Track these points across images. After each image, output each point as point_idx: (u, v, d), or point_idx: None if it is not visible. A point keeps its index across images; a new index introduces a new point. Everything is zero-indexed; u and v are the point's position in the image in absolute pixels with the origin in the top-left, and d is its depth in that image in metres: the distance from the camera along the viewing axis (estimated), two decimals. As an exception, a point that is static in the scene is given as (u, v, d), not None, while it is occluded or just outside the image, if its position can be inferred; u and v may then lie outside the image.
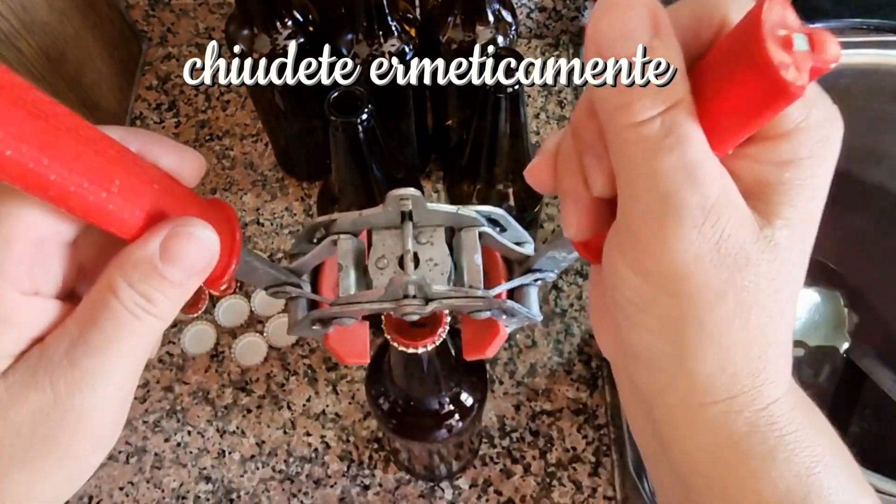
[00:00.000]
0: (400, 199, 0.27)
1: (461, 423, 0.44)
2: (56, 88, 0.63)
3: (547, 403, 0.59)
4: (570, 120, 0.23)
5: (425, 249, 0.29)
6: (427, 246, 0.29)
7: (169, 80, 0.78)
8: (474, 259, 0.28)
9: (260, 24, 0.53)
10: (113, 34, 0.74)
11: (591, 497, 0.56)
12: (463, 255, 0.29)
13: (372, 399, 0.45)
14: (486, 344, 0.31)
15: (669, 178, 0.17)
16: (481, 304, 0.28)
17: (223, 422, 0.59)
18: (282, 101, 0.60)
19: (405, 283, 0.26)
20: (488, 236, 0.29)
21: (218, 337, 0.63)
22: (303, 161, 0.70)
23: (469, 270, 0.28)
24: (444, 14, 0.54)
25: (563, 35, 0.80)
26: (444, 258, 0.29)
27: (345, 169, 0.45)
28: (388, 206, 0.27)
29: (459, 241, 0.29)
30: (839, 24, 0.55)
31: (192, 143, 0.74)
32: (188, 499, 0.56)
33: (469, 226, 0.29)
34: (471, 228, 0.29)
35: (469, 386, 0.44)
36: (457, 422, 0.44)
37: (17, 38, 0.57)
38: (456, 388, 0.43)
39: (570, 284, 0.65)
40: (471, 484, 0.56)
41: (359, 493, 0.56)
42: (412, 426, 0.44)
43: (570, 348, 0.62)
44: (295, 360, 0.61)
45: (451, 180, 0.52)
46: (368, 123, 0.41)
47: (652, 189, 0.18)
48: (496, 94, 0.41)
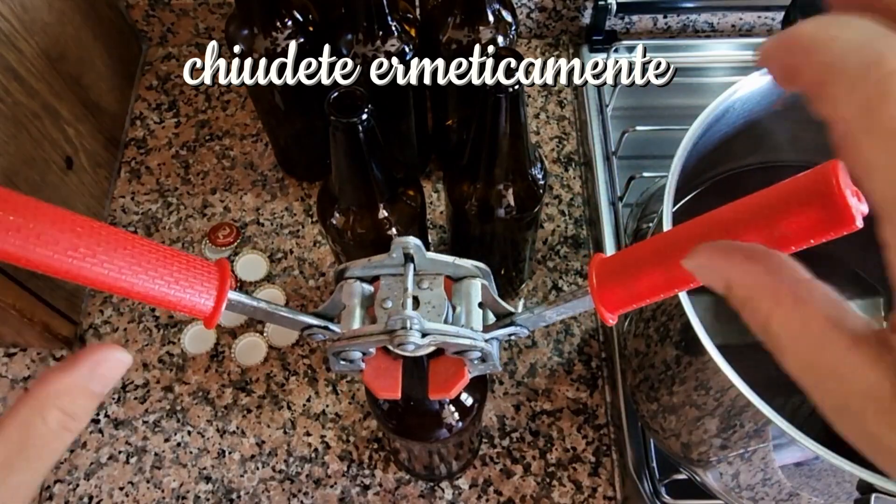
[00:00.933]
0: (403, 246, 0.31)
1: (461, 422, 0.44)
2: (56, 88, 0.63)
3: (547, 403, 0.59)
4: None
5: (425, 294, 0.32)
6: (427, 291, 0.33)
7: (169, 80, 0.78)
8: (475, 306, 0.32)
9: (260, 24, 0.53)
10: (113, 34, 0.74)
11: (591, 497, 0.56)
12: (464, 301, 0.32)
13: (372, 399, 0.45)
14: (451, 385, 0.34)
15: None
16: (468, 343, 0.31)
17: (223, 422, 0.59)
18: (282, 101, 0.60)
19: (402, 318, 0.30)
20: (486, 289, 0.33)
21: (218, 337, 0.63)
22: (303, 161, 0.70)
23: (468, 314, 0.32)
24: (444, 14, 0.54)
25: (563, 35, 0.80)
26: (441, 302, 0.32)
27: (345, 169, 0.45)
28: (392, 253, 0.31)
29: (460, 288, 0.33)
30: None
31: (192, 142, 0.74)
32: (188, 499, 0.56)
33: (468, 276, 0.33)
34: (473, 279, 0.33)
35: (468, 386, 0.44)
36: (456, 422, 0.44)
37: (17, 38, 0.57)
38: None
39: (570, 284, 0.65)
40: (471, 484, 0.56)
41: (359, 493, 0.56)
42: (412, 426, 0.44)
43: (570, 348, 0.62)
44: (295, 360, 0.61)
45: (451, 180, 0.52)
46: (368, 123, 0.41)
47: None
48: (496, 94, 0.41)
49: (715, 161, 0.49)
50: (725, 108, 0.44)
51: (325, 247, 0.67)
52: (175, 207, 0.70)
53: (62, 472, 0.57)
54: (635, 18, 0.78)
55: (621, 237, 0.65)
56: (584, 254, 0.67)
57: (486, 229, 0.54)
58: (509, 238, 0.56)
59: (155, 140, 0.74)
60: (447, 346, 0.32)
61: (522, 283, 0.65)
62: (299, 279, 0.66)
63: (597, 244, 0.66)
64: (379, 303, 0.32)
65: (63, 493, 0.56)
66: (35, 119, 0.59)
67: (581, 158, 0.72)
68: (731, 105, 0.44)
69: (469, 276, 0.33)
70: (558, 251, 0.67)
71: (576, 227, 0.68)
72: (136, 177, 0.72)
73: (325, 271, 0.66)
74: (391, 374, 0.35)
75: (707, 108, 0.43)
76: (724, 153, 0.49)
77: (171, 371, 0.61)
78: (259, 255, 0.67)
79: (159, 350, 0.62)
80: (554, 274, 0.66)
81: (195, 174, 0.72)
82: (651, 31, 0.80)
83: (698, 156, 0.44)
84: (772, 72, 0.17)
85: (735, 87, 0.44)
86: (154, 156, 0.73)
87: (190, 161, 0.73)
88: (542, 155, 0.64)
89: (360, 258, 0.33)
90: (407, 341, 0.30)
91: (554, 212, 0.69)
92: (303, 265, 0.66)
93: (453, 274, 0.33)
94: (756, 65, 0.18)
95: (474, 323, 0.32)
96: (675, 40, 0.80)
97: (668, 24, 0.79)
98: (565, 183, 0.71)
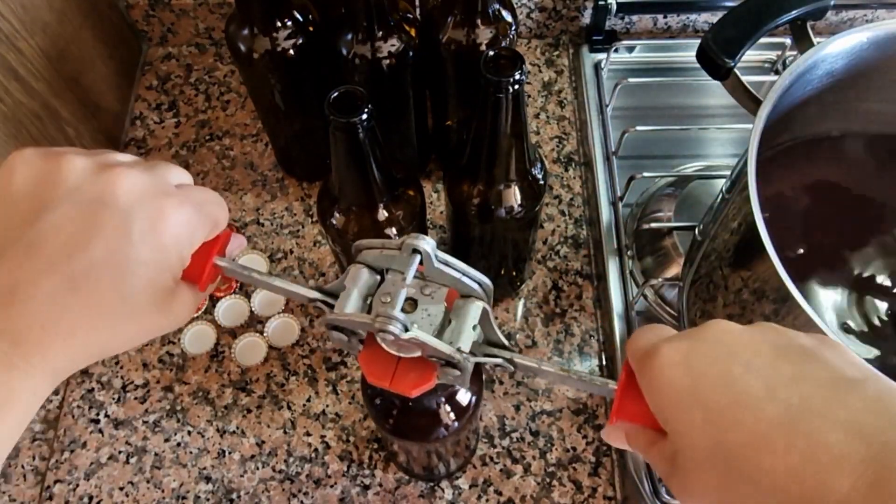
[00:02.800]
0: (413, 246, 0.31)
1: (457, 422, 0.44)
2: (56, 88, 0.63)
3: (547, 403, 0.59)
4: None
5: (425, 301, 0.33)
6: (428, 298, 0.33)
7: (169, 80, 0.78)
8: (470, 326, 0.32)
9: (260, 24, 0.53)
10: (113, 34, 0.74)
11: (591, 497, 0.56)
12: (460, 318, 0.32)
13: (368, 399, 0.45)
14: (416, 385, 0.34)
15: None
16: (447, 353, 0.31)
17: (223, 422, 0.59)
18: (282, 101, 0.60)
19: (387, 317, 0.30)
20: (485, 313, 0.33)
21: (218, 337, 0.63)
22: (303, 161, 0.70)
23: (460, 333, 0.32)
24: (444, 14, 0.54)
25: (563, 35, 0.80)
26: (438, 313, 0.33)
27: (345, 169, 0.45)
28: (403, 252, 0.31)
29: (461, 305, 0.33)
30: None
31: (193, 142, 0.74)
32: (188, 499, 0.56)
33: (470, 295, 0.33)
34: (477, 301, 0.33)
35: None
36: (453, 421, 0.44)
37: (17, 38, 0.57)
38: (452, 387, 0.43)
39: (570, 284, 0.65)
40: (471, 484, 0.56)
41: (359, 493, 0.56)
42: (409, 426, 0.44)
43: (570, 348, 0.62)
44: (295, 360, 0.61)
45: (451, 180, 0.52)
46: (368, 123, 0.41)
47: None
48: (496, 94, 0.41)
49: (790, 122, 0.49)
50: (814, 63, 0.45)
51: (325, 247, 0.67)
52: (175, 207, 0.70)
53: (62, 472, 0.57)
54: (635, 18, 0.78)
55: (621, 237, 0.65)
56: (583, 254, 0.67)
57: (486, 229, 0.54)
58: (509, 238, 0.56)
59: (155, 140, 0.74)
60: (425, 349, 0.32)
61: (522, 283, 0.65)
62: (299, 279, 0.66)
63: (597, 244, 0.66)
64: (379, 295, 0.32)
65: (63, 493, 0.56)
66: (35, 119, 0.59)
67: (581, 158, 0.72)
68: (819, 60, 0.45)
69: (472, 295, 0.33)
70: (558, 251, 0.67)
71: (576, 227, 0.68)
72: (136, 177, 0.72)
73: (325, 271, 0.66)
74: (386, 364, 0.34)
75: (798, 59, 0.44)
76: (796, 119, 0.49)
77: (171, 371, 0.61)
78: (259, 255, 0.67)
79: (159, 350, 0.62)
80: (554, 274, 0.66)
81: (195, 174, 0.72)
82: (651, 30, 0.80)
83: (778, 114, 0.44)
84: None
85: (824, 43, 0.45)
86: (154, 156, 0.73)
87: (190, 161, 0.73)
88: (542, 155, 0.64)
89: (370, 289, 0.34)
90: (387, 330, 0.30)
91: (554, 212, 0.69)
92: (303, 265, 0.66)
93: (456, 289, 0.33)
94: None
95: (462, 343, 0.32)
96: (675, 40, 0.80)
97: (668, 23, 0.79)
98: (565, 183, 0.71)
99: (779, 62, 0.77)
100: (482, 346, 0.35)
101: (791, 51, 0.75)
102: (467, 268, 0.33)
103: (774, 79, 0.45)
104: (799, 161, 0.56)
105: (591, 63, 0.77)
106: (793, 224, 0.56)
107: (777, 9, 0.47)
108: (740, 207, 0.42)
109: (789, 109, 0.47)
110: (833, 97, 0.49)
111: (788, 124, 0.50)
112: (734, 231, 0.44)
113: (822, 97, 0.49)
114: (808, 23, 0.48)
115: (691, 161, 0.72)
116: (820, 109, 0.51)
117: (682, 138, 0.73)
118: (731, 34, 0.46)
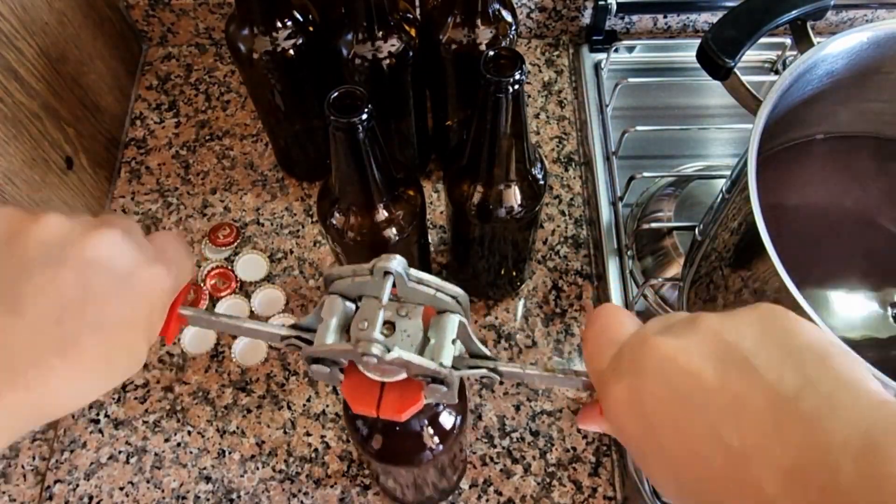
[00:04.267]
0: (384, 269, 0.31)
1: (441, 445, 0.43)
2: (56, 88, 0.63)
3: (547, 403, 0.59)
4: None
5: (403, 322, 0.33)
6: (405, 319, 0.33)
7: (169, 80, 0.78)
8: (450, 341, 0.32)
9: (260, 24, 0.53)
10: (113, 34, 0.74)
11: (591, 497, 0.56)
12: (439, 334, 0.32)
13: (349, 421, 0.44)
14: (405, 408, 0.34)
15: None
16: (432, 369, 0.31)
17: (223, 422, 0.59)
18: (282, 101, 0.60)
19: (368, 341, 0.30)
20: (462, 326, 0.33)
21: (218, 337, 0.63)
22: (303, 161, 0.70)
23: (440, 349, 0.32)
24: (444, 14, 0.54)
25: (563, 35, 0.80)
26: (416, 332, 0.33)
27: (345, 169, 0.45)
28: (374, 276, 0.31)
29: (438, 321, 0.33)
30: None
31: (193, 142, 0.74)
32: (188, 499, 0.56)
33: (447, 310, 0.33)
34: (453, 315, 0.33)
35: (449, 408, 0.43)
36: (437, 445, 0.43)
37: (17, 38, 0.57)
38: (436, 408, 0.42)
39: (570, 284, 0.65)
40: (471, 484, 0.56)
41: (359, 493, 0.56)
42: (392, 451, 0.43)
43: (570, 348, 0.62)
44: (295, 360, 0.61)
45: (451, 180, 0.52)
46: (368, 123, 0.41)
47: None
48: (496, 94, 0.41)
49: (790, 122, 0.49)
50: (814, 62, 0.45)
51: (325, 247, 0.67)
52: (175, 207, 0.70)
53: (62, 473, 0.57)
54: (635, 18, 0.78)
55: (621, 237, 0.65)
56: (583, 254, 0.67)
57: (486, 229, 0.54)
58: (509, 238, 0.56)
59: (155, 140, 0.74)
60: (409, 368, 0.32)
61: (522, 283, 0.65)
62: (299, 279, 0.66)
63: (597, 244, 0.66)
64: (356, 322, 0.32)
65: (63, 493, 0.56)
66: (35, 119, 0.59)
67: (581, 158, 0.72)
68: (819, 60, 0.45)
69: (448, 310, 0.33)
70: (558, 251, 0.67)
71: (576, 227, 0.68)
72: (136, 177, 0.72)
73: (325, 271, 0.66)
74: (371, 392, 0.34)
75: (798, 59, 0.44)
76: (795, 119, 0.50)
77: (171, 371, 0.61)
78: (259, 255, 0.67)
79: (159, 350, 0.62)
80: (554, 274, 0.66)
81: (195, 174, 0.72)
82: (651, 30, 0.80)
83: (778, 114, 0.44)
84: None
85: (825, 43, 0.45)
86: (154, 156, 0.73)
87: (190, 161, 0.73)
88: (542, 155, 0.64)
89: (360, 259, 0.33)
90: (370, 353, 0.30)
91: (554, 212, 0.69)
92: (303, 265, 0.66)
93: (432, 305, 0.33)
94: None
95: (444, 358, 0.32)
96: (675, 40, 0.80)
97: (668, 23, 0.79)
98: (565, 183, 0.71)
99: (779, 62, 0.77)
100: (465, 360, 0.34)
101: (791, 51, 0.75)
102: (441, 282, 0.32)
103: (774, 79, 0.45)
104: (799, 161, 0.56)
105: (591, 63, 0.77)
106: (793, 224, 0.56)
107: (777, 9, 0.47)
108: (740, 207, 0.42)
109: (789, 109, 0.47)
110: (833, 97, 0.49)
111: (788, 124, 0.50)
112: (734, 231, 0.44)
113: (823, 97, 0.49)
114: (808, 23, 0.48)
115: (691, 161, 0.72)
116: (820, 109, 0.51)
117: (682, 138, 0.73)
118: (731, 34, 0.46)
